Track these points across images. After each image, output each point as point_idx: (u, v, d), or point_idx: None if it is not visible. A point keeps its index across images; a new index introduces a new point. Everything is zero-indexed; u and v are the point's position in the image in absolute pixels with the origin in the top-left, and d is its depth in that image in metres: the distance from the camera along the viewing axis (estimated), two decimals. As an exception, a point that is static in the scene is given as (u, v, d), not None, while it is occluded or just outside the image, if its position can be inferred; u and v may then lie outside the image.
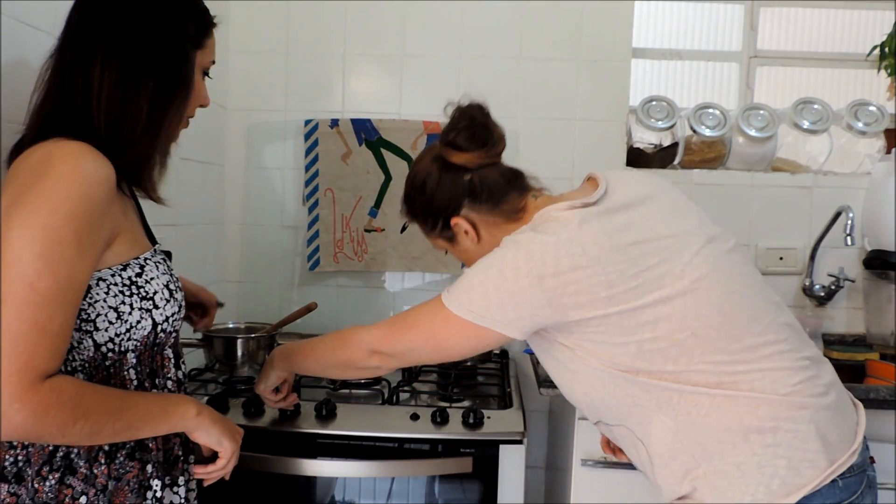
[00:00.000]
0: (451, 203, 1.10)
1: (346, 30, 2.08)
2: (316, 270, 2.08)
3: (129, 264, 0.91)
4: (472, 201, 1.10)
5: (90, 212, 0.81)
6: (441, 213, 1.12)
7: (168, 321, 0.96)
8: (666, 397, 0.96)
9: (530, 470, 1.59)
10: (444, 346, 1.04)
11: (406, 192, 1.18)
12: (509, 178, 1.12)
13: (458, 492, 1.43)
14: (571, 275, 0.93)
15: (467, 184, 1.09)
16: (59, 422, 0.78)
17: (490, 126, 1.10)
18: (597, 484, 1.47)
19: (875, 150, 2.05)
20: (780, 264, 2.06)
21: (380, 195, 2.05)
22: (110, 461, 0.91)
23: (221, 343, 1.68)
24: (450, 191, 1.10)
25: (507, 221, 1.10)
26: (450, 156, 1.09)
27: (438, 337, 1.04)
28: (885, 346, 1.95)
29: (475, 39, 2.07)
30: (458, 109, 1.10)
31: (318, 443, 1.38)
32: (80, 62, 0.89)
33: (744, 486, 0.93)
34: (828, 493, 0.93)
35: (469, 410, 1.41)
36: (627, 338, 0.95)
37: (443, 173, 1.11)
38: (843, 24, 2.29)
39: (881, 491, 1.45)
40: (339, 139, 2.04)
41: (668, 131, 2.09)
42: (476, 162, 1.09)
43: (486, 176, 1.10)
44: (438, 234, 1.16)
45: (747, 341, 0.96)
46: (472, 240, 1.12)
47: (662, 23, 2.30)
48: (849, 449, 0.96)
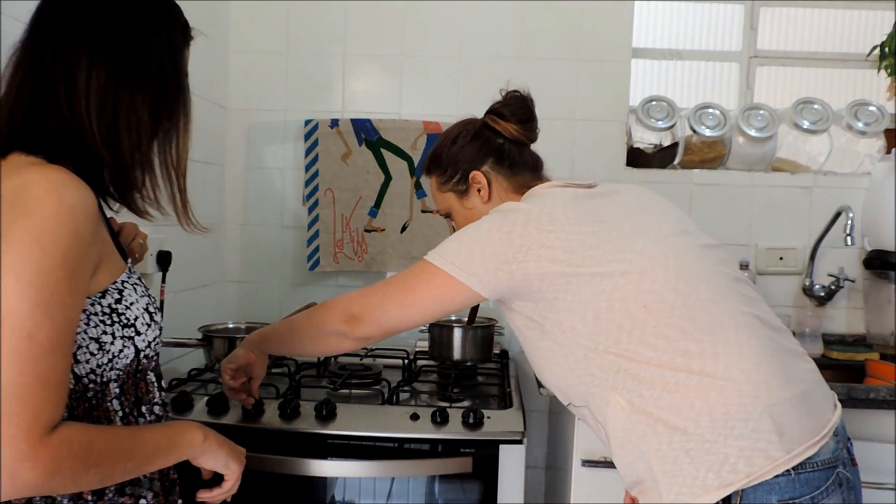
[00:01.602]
0: (477, 157, 1.22)
1: (346, 30, 2.08)
2: (316, 270, 2.08)
3: (107, 290, 0.86)
4: (496, 162, 1.22)
5: (80, 249, 0.77)
6: (464, 164, 1.22)
7: (150, 346, 0.92)
8: (622, 378, 0.98)
9: (530, 470, 1.59)
10: (412, 297, 1.10)
11: (436, 145, 1.27)
12: (531, 161, 1.25)
13: (458, 492, 1.43)
14: (537, 236, 1.02)
15: (497, 146, 1.22)
16: (72, 473, 0.74)
17: (533, 113, 1.25)
18: (597, 484, 1.47)
19: (875, 150, 2.05)
20: (780, 264, 2.06)
21: (380, 195, 2.05)
22: (97, 498, 0.86)
23: (221, 343, 1.68)
24: (480, 147, 1.22)
25: (515, 192, 1.20)
26: (492, 121, 1.22)
27: (409, 287, 1.10)
28: (885, 346, 1.95)
29: (475, 39, 2.07)
30: (512, 91, 1.24)
31: (318, 443, 1.38)
32: (63, 61, 0.82)
33: (693, 472, 0.92)
34: (786, 486, 0.91)
35: (469, 410, 1.41)
36: (585, 305, 1.00)
37: (479, 132, 1.23)
38: (843, 24, 2.29)
39: (881, 491, 1.45)
40: (339, 139, 2.04)
41: (668, 131, 2.09)
42: (512, 133, 1.22)
43: (514, 149, 1.23)
44: (452, 186, 1.24)
45: (701, 321, 0.97)
46: (483, 197, 1.21)
47: (662, 23, 2.30)
48: (808, 440, 0.93)
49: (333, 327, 1.15)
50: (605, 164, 2.07)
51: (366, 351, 1.96)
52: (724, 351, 0.96)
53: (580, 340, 1.01)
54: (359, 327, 1.14)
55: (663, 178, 2.08)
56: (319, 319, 1.18)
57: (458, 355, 1.82)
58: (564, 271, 1.00)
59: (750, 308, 1.02)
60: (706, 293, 1.00)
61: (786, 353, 1.01)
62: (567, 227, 1.02)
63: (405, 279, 1.12)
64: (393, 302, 1.11)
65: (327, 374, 1.73)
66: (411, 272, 1.11)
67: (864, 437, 1.49)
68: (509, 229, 1.03)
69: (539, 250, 1.01)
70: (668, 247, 1.03)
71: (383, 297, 1.12)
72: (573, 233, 1.02)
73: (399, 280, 1.13)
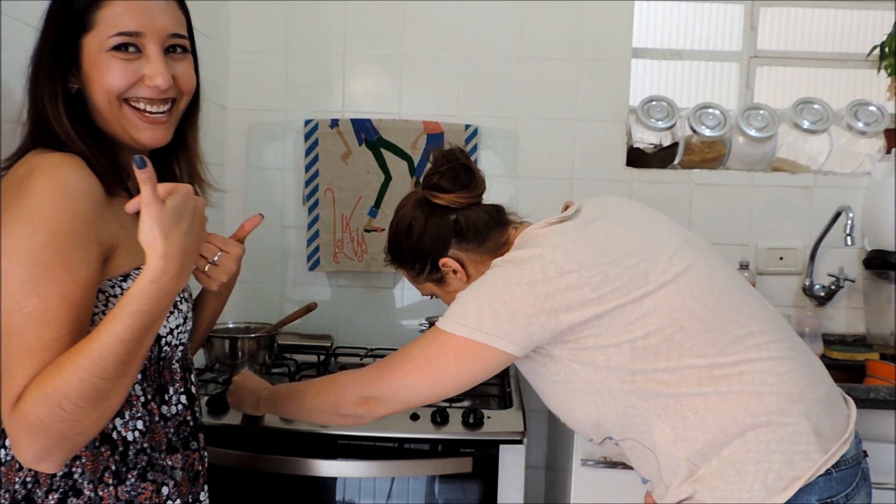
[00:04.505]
0: (438, 244, 1.14)
1: (346, 30, 2.08)
2: (316, 270, 2.08)
3: (129, 275, 0.87)
4: (459, 240, 1.13)
5: (75, 225, 0.78)
6: (429, 255, 1.14)
7: (172, 333, 0.93)
8: (663, 404, 0.97)
9: (530, 470, 1.59)
10: (439, 375, 1.01)
11: (391, 239, 1.20)
12: (492, 215, 1.16)
13: (458, 492, 1.43)
14: (560, 279, 0.96)
15: (453, 224, 1.13)
16: (57, 420, 0.73)
17: (471, 167, 1.15)
18: (597, 484, 1.47)
19: (875, 150, 2.05)
20: (780, 264, 2.06)
21: (380, 195, 2.05)
22: (118, 482, 0.86)
23: (222, 343, 1.68)
24: (436, 232, 1.13)
25: (493, 256, 1.10)
26: (434, 198, 1.13)
27: (434, 365, 1.01)
28: (885, 346, 1.95)
29: (475, 39, 2.07)
30: (439, 153, 1.15)
31: (317, 442, 1.38)
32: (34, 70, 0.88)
33: (740, 484, 0.93)
34: (825, 485, 0.93)
35: (469, 410, 1.41)
36: (620, 338, 0.96)
37: (429, 216, 1.14)
38: (843, 24, 2.29)
39: (881, 491, 1.45)
40: (339, 139, 2.04)
41: (668, 131, 2.09)
42: (460, 202, 1.12)
43: (470, 215, 1.14)
44: (426, 277, 1.18)
45: (733, 332, 0.97)
46: (462, 278, 1.15)
47: (662, 23, 2.30)
48: (840, 438, 0.96)
49: (349, 410, 1.10)
50: (604, 164, 2.07)
51: (366, 351, 1.96)
52: (757, 357, 0.97)
53: (617, 374, 0.97)
54: (378, 408, 1.08)
55: (663, 178, 2.08)
56: (334, 402, 1.12)
57: (458, 355, 1.81)
58: (596, 310, 0.95)
59: (766, 307, 1.04)
60: (730, 301, 1.00)
61: (805, 351, 1.03)
62: (586, 262, 0.97)
63: (426, 357, 1.02)
64: (419, 383, 1.03)
65: (327, 373, 1.73)
66: (430, 347, 1.02)
67: (864, 437, 1.48)
68: (529, 279, 0.96)
69: (566, 294, 0.95)
70: (685, 260, 1.01)
71: (406, 380, 1.04)
72: (594, 267, 0.97)
73: (419, 357, 1.03)
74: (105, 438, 0.87)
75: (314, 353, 1.90)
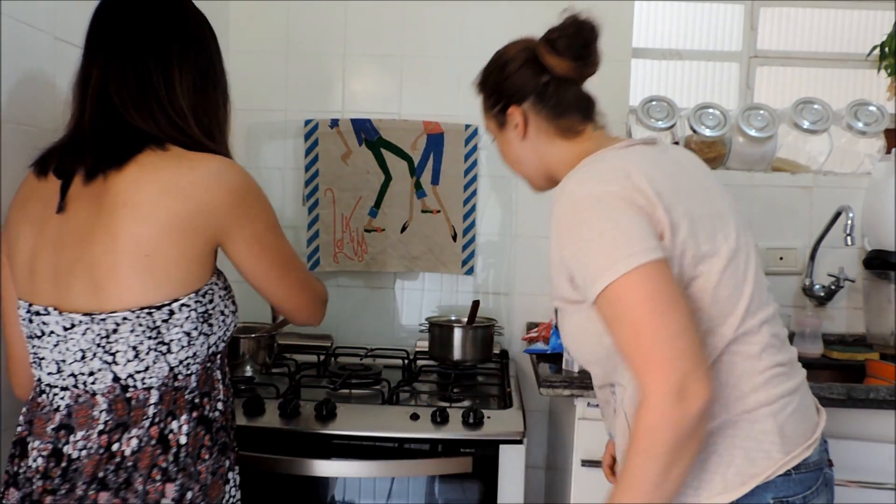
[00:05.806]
0: (517, 93, 1.11)
1: (346, 30, 2.08)
2: (316, 270, 2.08)
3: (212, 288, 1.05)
4: (537, 102, 1.10)
5: None
6: (503, 98, 1.12)
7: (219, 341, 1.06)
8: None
9: (530, 470, 1.59)
10: (667, 301, 0.86)
11: (491, 60, 1.18)
12: (581, 102, 1.12)
13: (458, 492, 1.43)
14: (649, 187, 0.93)
15: (542, 86, 1.10)
16: None
17: (592, 46, 1.10)
18: (597, 484, 1.47)
19: (875, 150, 2.05)
20: (780, 264, 2.06)
21: (380, 195, 2.05)
22: (210, 457, 1.00)
23: (221, 343, 1.67)
24: (522, 82, 1.10)
25: (559, 137, 1.10)
26: (542, 53, 1.09)
27: (658, 300, 0.86)
28: (885, 346, 1.95)
29: (475, 39, 2.06)
30: (573, 17, 1.09)
31: (318, 443, 1.38)
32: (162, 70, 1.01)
33: (703, 474, 0.93)
34: (782, 485, 0.93)
35: (469, 410, 1.41)
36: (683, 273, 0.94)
37: (525, 65, 1.11)
38: (843, 24, 2.29)
39: (881, 491, 1.45)
40: (339, 139, 2.04)
41: (668, 131, 2.09)
42: (561, 70, 1.09)
43: (561, 88, 1.10)
44: (494, 114, 1.16)
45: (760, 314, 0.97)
46: (519, 134, 1.12)
47: (662, 23, 2.30)
48: (804, 443, 0.96)
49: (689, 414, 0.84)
50: (605, 164, 2.07)
51: (366, 351, 1.96)
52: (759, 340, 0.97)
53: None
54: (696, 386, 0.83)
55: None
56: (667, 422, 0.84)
57: (458, 355, 1.82)
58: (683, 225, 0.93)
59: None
60: (758, 292, 0.98)
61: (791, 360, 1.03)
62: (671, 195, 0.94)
63: (638, 313, 0.86)
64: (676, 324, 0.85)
65: (327, 374, 1.73)
66: (627, 303, 0.87)
67: (864, 437, 1.49)
68: (620, 193, 0.92)
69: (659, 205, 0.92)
70: (742, 236, 0.99)
71: (666, 331, 0.85)
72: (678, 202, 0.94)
73: (643, 309, 0.86)
74: (202, 419, 1.00)
75: (314, 353, 1.90)
